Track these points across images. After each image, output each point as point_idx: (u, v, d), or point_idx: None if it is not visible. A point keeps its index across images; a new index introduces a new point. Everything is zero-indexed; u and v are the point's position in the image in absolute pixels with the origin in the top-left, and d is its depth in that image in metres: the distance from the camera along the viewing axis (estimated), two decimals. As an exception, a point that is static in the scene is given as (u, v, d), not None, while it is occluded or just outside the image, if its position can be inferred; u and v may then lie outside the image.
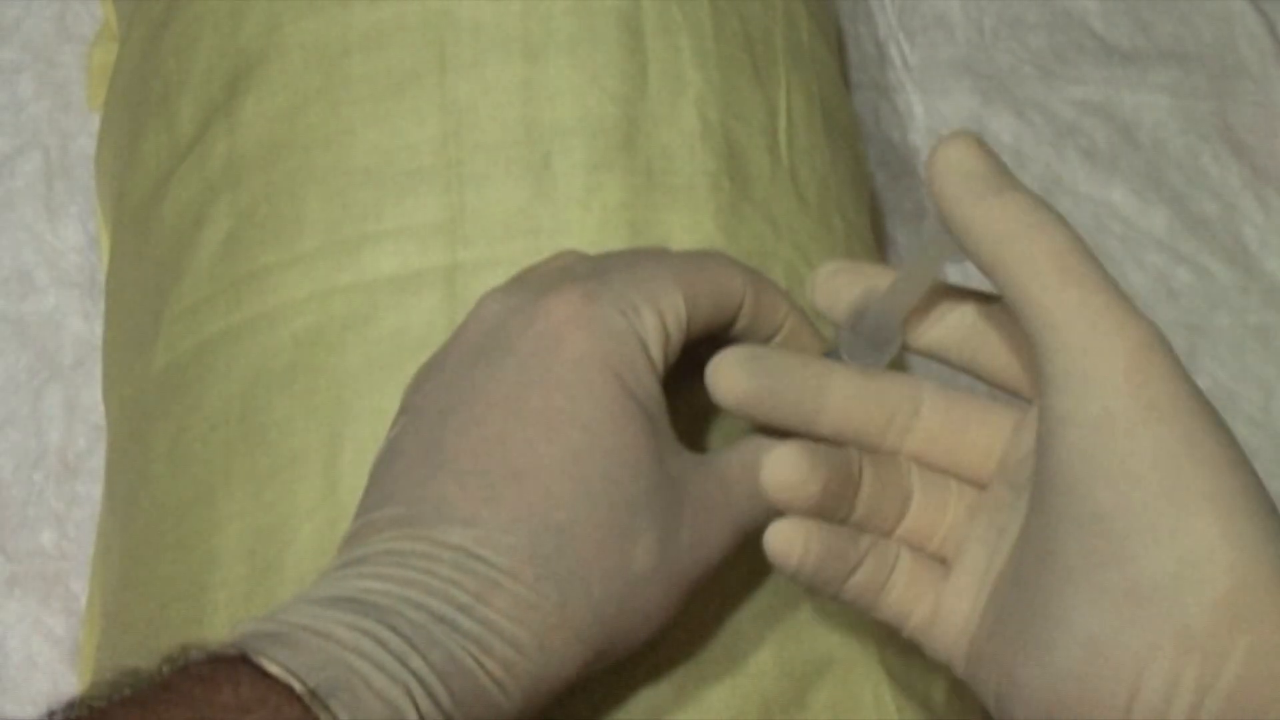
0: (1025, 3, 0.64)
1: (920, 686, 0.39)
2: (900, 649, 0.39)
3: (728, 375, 0.33)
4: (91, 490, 0.51)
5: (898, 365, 0.35)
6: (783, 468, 0.32)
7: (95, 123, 0.55)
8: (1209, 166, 0.61)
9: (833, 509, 0.32)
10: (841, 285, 0.34)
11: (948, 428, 0.34)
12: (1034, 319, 0.28)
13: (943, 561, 0.34)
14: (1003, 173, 0.30)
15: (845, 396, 0.33)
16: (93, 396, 0.52)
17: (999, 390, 0.34)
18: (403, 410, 0.34)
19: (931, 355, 0.34)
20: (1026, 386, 0.33)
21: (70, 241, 0.54)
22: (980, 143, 0.30)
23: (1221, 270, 0.59)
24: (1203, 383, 0.58)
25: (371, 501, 0.32)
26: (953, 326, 0.33)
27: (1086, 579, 0.28)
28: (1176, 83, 0.62)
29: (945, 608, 0.33)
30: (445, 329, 0.38)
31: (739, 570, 0.37)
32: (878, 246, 0.49)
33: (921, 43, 0.62)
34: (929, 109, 0.61)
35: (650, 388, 0.33)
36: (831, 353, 0.34)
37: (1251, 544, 0.27)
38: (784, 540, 0.32)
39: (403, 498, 0.31)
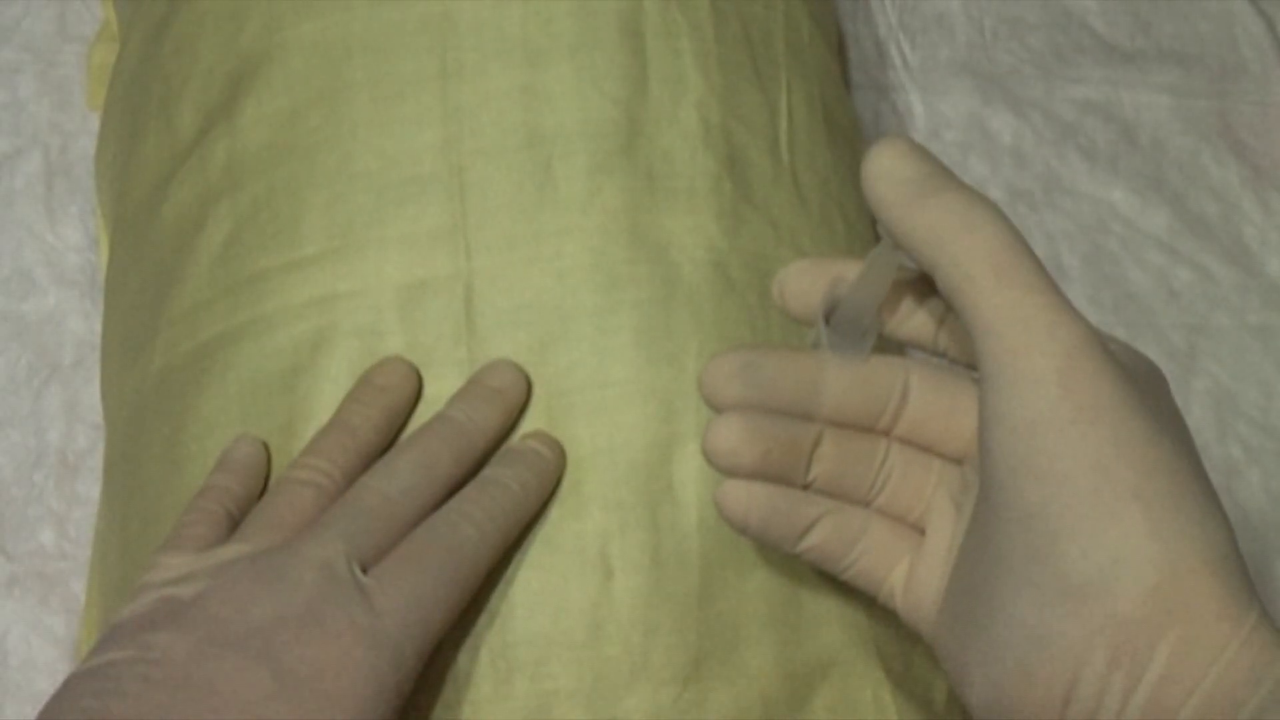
0: (1025, 3, 0.64)
1: (920, 688, 0.39)
2: (901, 650, 0.39)
3: (723, 384, 0.33)
4: (91, 490, 0.51)
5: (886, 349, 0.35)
6: (720, 437, 0.33)
7: (95, 123, 0.55)
8: (1209, 166, 0.61)
9: (782, 474, 0.34)
10: (810, 283, 0.34)
11: (935, 410, 0.34)
12: (971, 321, 0.29)
13: (921, 533, 0.35)
14: (937, 173, 0.30)
15: (838, 391, 0.34)
16: (93, 396, 0.52)
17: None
18: (127, 643, 0.33)
19: (910, 343, 0.35)
20: None
21: (70, 241, 0.54)
22: (913, 146, 0.30)
23: (1221, 270, 0.59)
24: (1203, 383, 0.59)
25: None
26: (929, 314, 0.34)
27: (1023, 573, 0.29)
28: (1176, 83, 0.62)
29: (916, 578, 0.34)
30: (451, 340, 0.38)
31: (739, 573, 0.37)
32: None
33: (921, 43, 0.62)
34: (929, 109, 0.61)
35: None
36: (814, 347, 0.35)
37: (1179, 539, 0.28)
38: (728, 499, 0.34)
39: None
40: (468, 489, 0.36)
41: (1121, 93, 0.62)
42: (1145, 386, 0.30)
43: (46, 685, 0.48)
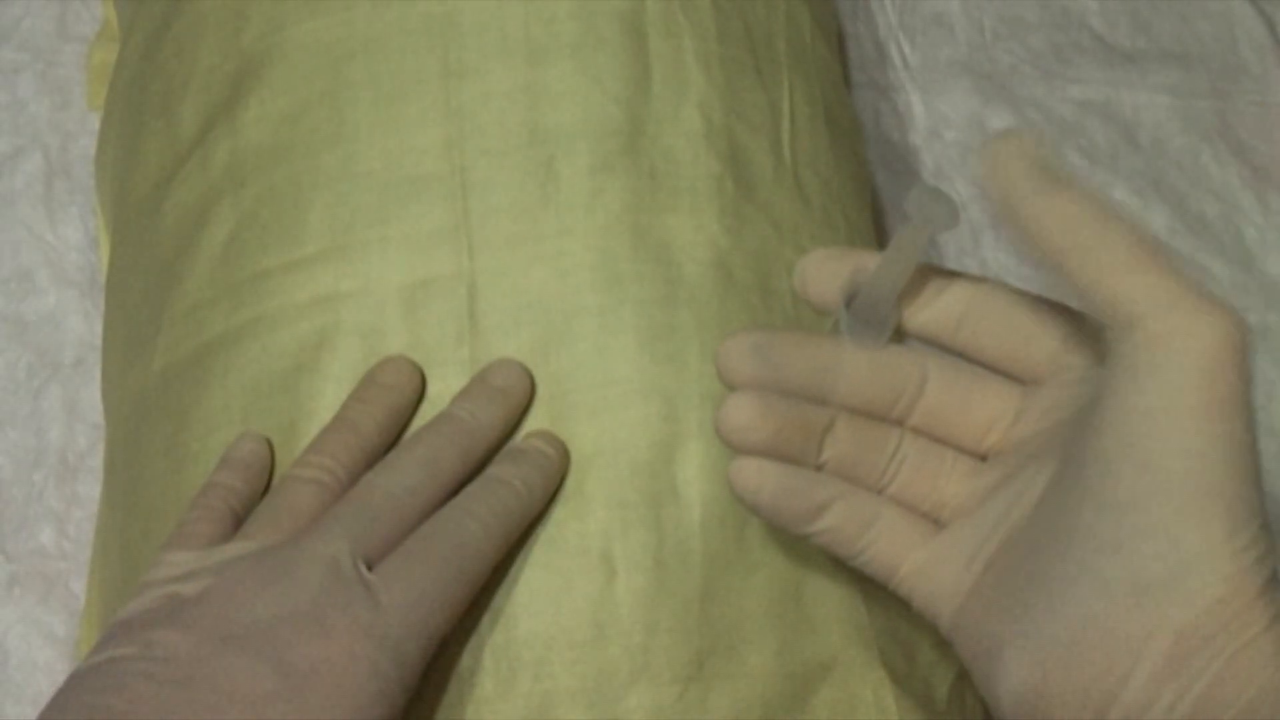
0: (1025, 3, 0.64)
1: (922, 687, 0.39)
2: (902, 650, 0.39)
3: (738, 362, 0.34)
4: (91, 490, 0.51)
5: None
6: (735, 413, 0.33)
7: (95, 123, 0.55)
8: (1209, 166, 0.61)
9: (794, 454, 0.34)
10: (831, 271, 0.34)
11: (950, 402, 0.34)
12: (1110, 303, 0.28)
13: (935, 523, 0.35)
14: (1060, 169, 0.30)
15: (853, 376, 0.34)
16: (93, 396, 0.52)
17: (993, 371, 0.34)
18: (130, 640, 0.33)
19: (925, 338, 0.35)
20: (1019, 368, 0.34)
21: (70, 241, 0.54)
22: (1034, 140, 0.30)
23: (1221, 270, 0.59)
24: (1203, 383, 0.58)
25: None
26: (944, 309, 0.34)
27: (1092, 563, 0.29)
28: (1176, 83, 0.62)
29: (935, 566, 0.34)
30: (454, 339, 0.38)
31: (742, 573, 0.37)
32: (879, 246, 0.50)
33: (921, 43, 0.62)
34: (929, 109, 0.61)
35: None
36: (833, 334, 0.35)
37: (1246, 556, 0.28)
38: (741, 474, 0.34)
39: None
40: (472, 487, 0.36)
41: (1121, 93, 0.62)
42: None
43: (46, 685, 0.48)
